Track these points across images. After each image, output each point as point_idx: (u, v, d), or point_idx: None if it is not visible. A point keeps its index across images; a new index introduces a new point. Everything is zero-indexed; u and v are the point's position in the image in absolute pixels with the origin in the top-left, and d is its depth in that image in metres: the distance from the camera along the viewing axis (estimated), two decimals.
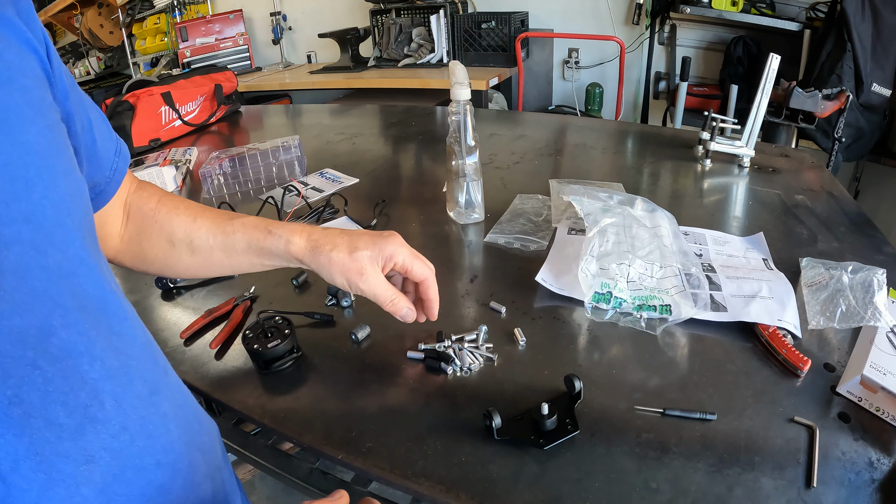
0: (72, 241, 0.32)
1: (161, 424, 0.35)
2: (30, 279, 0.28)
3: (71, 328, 0.30)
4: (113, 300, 0.34)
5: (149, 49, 3.42)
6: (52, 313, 0.29)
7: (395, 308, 0.53)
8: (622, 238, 0.68)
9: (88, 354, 0.30)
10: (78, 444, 0.29)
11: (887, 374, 0.48)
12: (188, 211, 0.54)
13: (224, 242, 0.53)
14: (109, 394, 0.31)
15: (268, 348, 0.57)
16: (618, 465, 0.45)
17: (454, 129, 0.81)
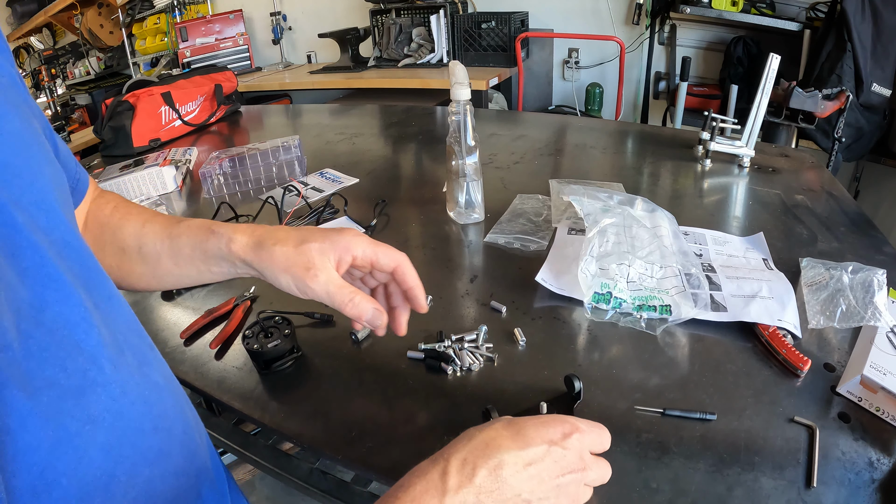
0: (59, 225, 0.33)
1: (155, 392, 0.36)
2: (21, 258, 0.29)
3: (66, 301, 0.31)
4: (98, 280, 0.36)
5: (149, 49, 3.42)
6: (45, 289, 0.30)
7: (356, 310, 0.43)
8: (622, 238, 0.68)
9: (84, 324, 0.31)
10: (80, 404, 0.30)
11: (887, 374, 0.48)
12: (139, 216, 0.51)
13: (171, 247, 0.49)
14: (108, 359, 0.32)
15: (268, 348, 0.57)
16: (618, 465, 0.45)
17: (454, 129, 0.81)
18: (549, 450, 0.36)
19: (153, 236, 0.50)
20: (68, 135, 2.62)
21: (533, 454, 0.36)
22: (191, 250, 0.48)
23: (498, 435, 0.36)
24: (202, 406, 0.80)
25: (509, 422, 0.38)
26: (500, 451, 0.35)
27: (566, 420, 0.39)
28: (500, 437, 0.36)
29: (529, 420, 0.38)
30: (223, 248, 0.46)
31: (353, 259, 0.45)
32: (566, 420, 0.39)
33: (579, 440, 0.38)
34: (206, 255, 0.48)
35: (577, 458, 0.38)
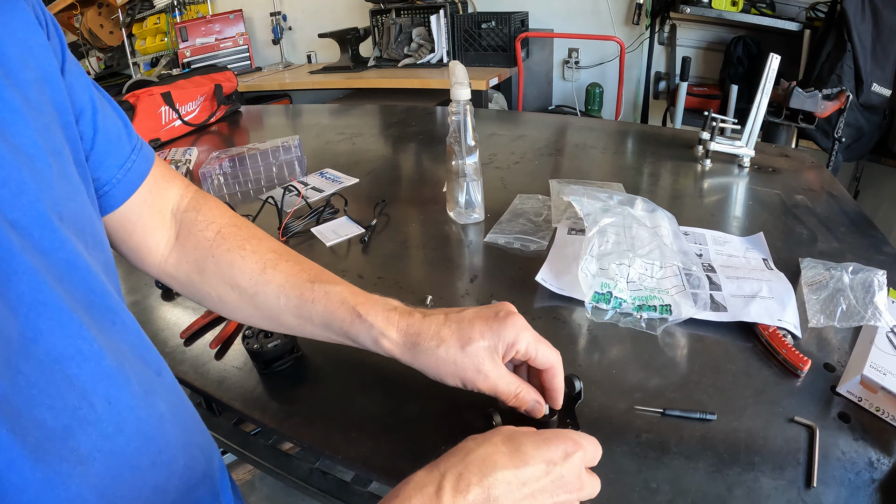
0: (62, 245, 0.31)
1: (157, 425, 0.35)
2: (15, 284, 0.27)
3: (59, 331, 0.29)
4: (103, 304, 0.34)
5: (149, 49, 3.42)
6: (38, 317, 0.28)
7: (519, 403, 0.44)
8: (622, 238, 0.68)
9: (79, 356, 0.30)
10: (68, 446, 0.29)
11: (887, 374, 0.48)
12: (256, 256, 0.47)
13: (299, 309, 0.45)
14: (102, 395, 0.31)
15: (268, 348, 0.57)
16: (618, 465, 0.45)
17: (454, 129, 0.81)
18: (547, 470, 0.35)
19: (276, 290, 0.46)
20: None
21: (530, 474, 0.34)
22: (325, 321, 0.45)
23: (496, 451, 0.35)
24: (202, 406, 0.80)
25: (509, 437, 0.36)
26: (495, 470, 0.33)
27: (568, 437, 0.37)
28: (498, 453, 0.34)
29: (530, 436, 0.36)
30: (371, 341, 0.44)
31: (515, 354, 0.43)
32: (568, 437, 0.37)
33: (581, 458, 0.36)
34: (345, 336, 0.45)
35: (575, 478, 0.36)
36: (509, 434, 0.36)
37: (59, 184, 0.32)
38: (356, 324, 0.44)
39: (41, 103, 0.33)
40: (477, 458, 0.34)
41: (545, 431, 0.37)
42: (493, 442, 0.35)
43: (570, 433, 0.37)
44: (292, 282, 0.46)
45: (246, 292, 0.46)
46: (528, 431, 0.37)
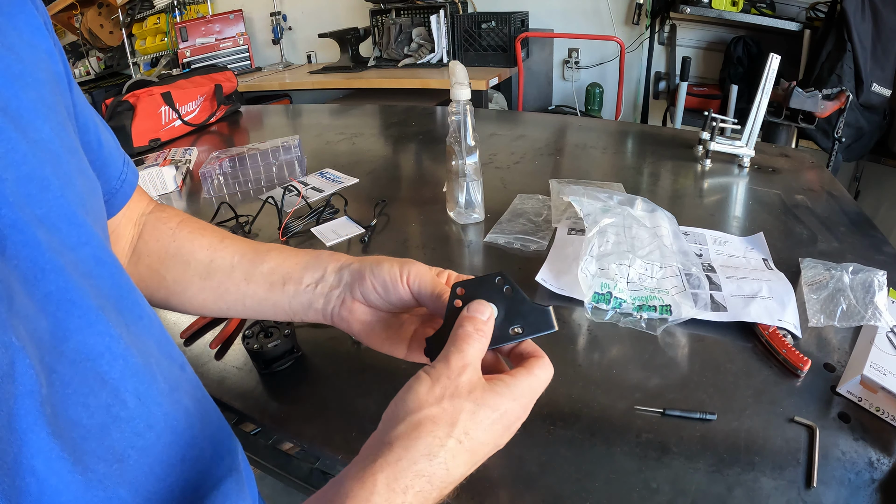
0: (88, 240, 0.31)
1: (184, 420, 0.35)
2: (43, 283, 0.27)
3: (88, 329, 0.29)
4: (130, 299, 0.34)
5: (149, 49, 3.42)
6: (68, 315, 0.28)
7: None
8: (622, 238, 0.68)
9: (108, 354, 0.30)
10: (104, 444, 0.29)
11: (887, 374, 0.48)
12: (216, 233, 0.50)
13: (252, 264, 0.47)
14: (132, 392, 0.31)
15: (268, 348, 0.57)
16: (618, 465, 0.45)
17: (454, 129, 0.81)
18: (491, 450, 0.34)
19: (233, 249, 0.48)
20: None
21: (484, 455, 0.34)
22: (276, 264, 0.47)
23: (450, 459, 0.31)
24: None
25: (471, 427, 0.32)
26: (451, 475, 0.31)
27: (520, 415, 0.35)
28: (453, 462, 0.31)
29: (482, 433, 0.32)
30: (323, 254, 0.47)
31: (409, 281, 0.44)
32: (520, 415, 0.35)
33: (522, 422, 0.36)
34: (292, 268, 0.46)
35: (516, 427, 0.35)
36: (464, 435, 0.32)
37: (80, 179, 0.33)
38: (309, 267, 0.46)
39: (55, 103, 0.33)
40: (423, 467, 0.30)
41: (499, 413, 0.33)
42: (448, 448, 0.31)
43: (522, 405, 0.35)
44: (248, 245, 0.49)
45: (202, 263, 0.48)
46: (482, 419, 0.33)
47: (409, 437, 0.31)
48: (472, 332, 0.36)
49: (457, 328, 0.36)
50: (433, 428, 0.31)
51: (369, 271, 0.44)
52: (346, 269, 0.45)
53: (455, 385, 0.33)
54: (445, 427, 0.31)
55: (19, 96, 0.29)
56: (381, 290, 0.43)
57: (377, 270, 0.43)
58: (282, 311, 0.47)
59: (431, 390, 0.33)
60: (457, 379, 0.33)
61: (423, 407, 0.32)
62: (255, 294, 0.47)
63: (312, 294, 0.46)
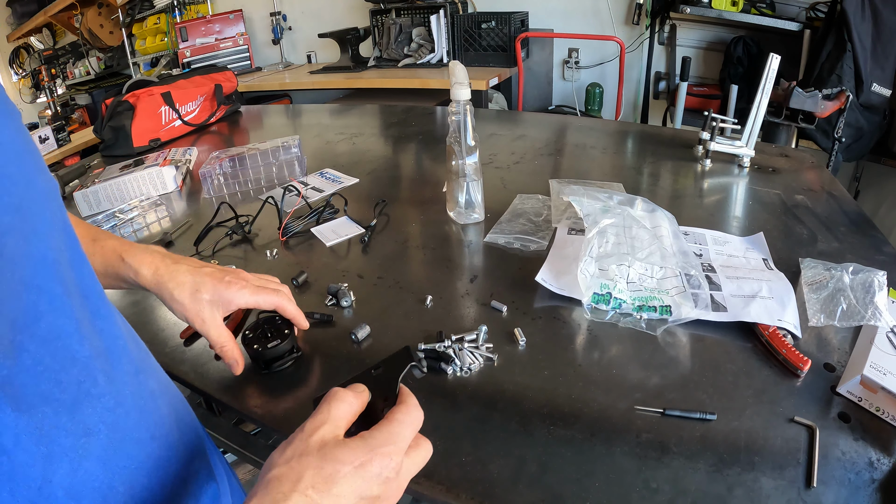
0: (51, 233, 0.32)
1: (150, 400, 0.37)
2: (20, 268, 0.28)
3: (58, 311, 0.30)
4: (92, 287, 0.35)
5: (149, 49, 3.42)
6: (38, 299, 0.29)
7: (224, 354, 0.55)
8: (622, 239, 0.68)
9: (77, 335, 0.31)
10: (75, 418, 0.30)
11: (887, 374, 0.48)
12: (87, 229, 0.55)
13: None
14: (101, 370, 0.32)
15: (267, 348, 0.57)
16: (618, 465, 0.45)
17: (454, 129, 0.81)
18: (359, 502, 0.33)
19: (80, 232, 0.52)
20: (68, 135, 2.61)
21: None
22: (103, 269, 0.54)
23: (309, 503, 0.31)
24: (202, 406, 0.80)
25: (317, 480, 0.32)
26: None
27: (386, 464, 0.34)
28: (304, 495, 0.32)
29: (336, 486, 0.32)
30: (131, 278, 0.53)
31: (237, 307, 0.55)
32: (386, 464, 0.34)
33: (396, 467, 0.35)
34: (118, 278, 0.54)
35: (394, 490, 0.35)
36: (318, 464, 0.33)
37: (41, 178, 0.34)
38: (121, 266, 0.53)
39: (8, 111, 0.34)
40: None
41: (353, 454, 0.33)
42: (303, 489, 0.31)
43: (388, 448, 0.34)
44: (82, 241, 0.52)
45: None
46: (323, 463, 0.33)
47: (258, 498, 0.31)
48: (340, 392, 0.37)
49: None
50: (278, 485, 0.31)
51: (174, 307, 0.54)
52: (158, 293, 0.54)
53: (305, 445, 0.34)
54: (289, 483, 0.31)
55: None
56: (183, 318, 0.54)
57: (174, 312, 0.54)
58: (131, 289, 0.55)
59: (283, 452, 0.34)
60: (307, 439, 0.34)
61: (272, 468, 0.33)
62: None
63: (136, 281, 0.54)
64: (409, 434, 0.37)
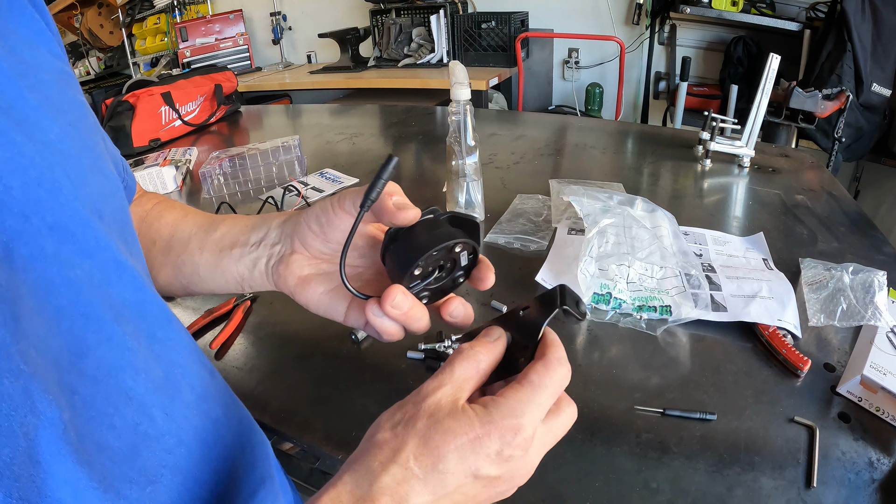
0: (105, 245, 0.29)
1: (214, 431, 0.33)
2: (54, 297, 0.25)
3: (107, 343, 0.27)
4: (153, 304, 0.31)
5: (149, 49, 3.42)
6: (83, 330, 0.26)
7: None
8: (622, 239, 0.68)
9: (130, 368, 0.28)
10: (135, 466, 0.27)
11: (887, 374, 0.48)
12: (183, 208, 0.48)
13: (206, 231, 0.44)
14: (159, 407, 0.29)
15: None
16: (618, 465, 0.45)
17: (454, 129, 0.81)
18: (475, 479, 0.29)
19: (192, 222, 0.45)
20: None
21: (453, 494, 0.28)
22: (226, 230, 0.43)
23: (396, 487, 0.27)
24: None
25: (421, 453, 0.28)
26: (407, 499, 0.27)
27: (509, 440, 0.28)
28: (401, 490, 0.27)
29: (443, 462, 0.28)
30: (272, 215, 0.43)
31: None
32: (509, 440, 0.28)
33: (524, 442, 0.29)
34: (240, 231, 0.43)
35: (521, 466, 0.30)
36: (422, 443, 0.28)
37: (96, 178, 0.31)
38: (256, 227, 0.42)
39: (63, 103, 0.31)
40: (360, 482, 0.28)
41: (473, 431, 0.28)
42: (405, 463, 0.28)
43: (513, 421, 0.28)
44: (207, 217, 0.46)
45: (164, 238, 0.45)
46: (450, 434, 0.28)
47: (356, 462, 0.29)
48: (465, 350, 0.32)
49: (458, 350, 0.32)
50: (377, 453, 0.28)
51: (305, 214, 0.39)
52: (287, 222, 0.41)
53: (416, 409, 0.29)
54: (389, 451, 0.28)
55: (24, 97, 0.28)
56: (316, 227, 0.38)
57: (311, 210, 0.38)
58: (232, 279, 0.43)
59: (392, 415, 0.30)
60: (421, 403, 0.29)
61: (378, 431, 0.29)
62: (207, 262, 0.43)
63: (256, 252, 0.41)
64: (547, 400, 0.30)
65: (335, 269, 0.40)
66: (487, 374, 0.32)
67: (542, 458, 0.31)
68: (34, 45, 0.31)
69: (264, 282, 0.42)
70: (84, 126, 0.32)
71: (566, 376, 0.31)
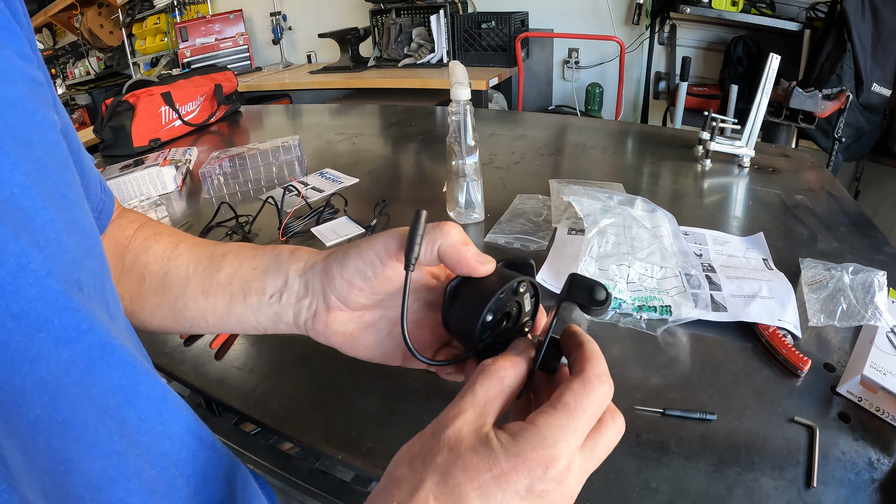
0: (88, 326, 0.24)
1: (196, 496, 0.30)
2: (25, 407, 0.21)
3: (93, 451, 0.23)
4: (144, 384, 0.27)
5: (149, 49, 3.42)
6: (64, 440, 0.22)
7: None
8: (622, 239, 0.68)
9: (122, 477, 0.24)
10: None
11: (887, 374, 0.48)
12: (171, 237, 0.42)
13: (206, 269, 0.40)
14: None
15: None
16: (618, 465, 0.45)
17: (454, 129, 0.81)
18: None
19: (188, 257, 0.40)
20: None
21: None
22: (232, 271, 0.39)
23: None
24: (202, 406, 0.80)
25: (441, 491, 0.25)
26: None
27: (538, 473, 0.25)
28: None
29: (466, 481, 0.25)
30: (283, 256, 0.38)
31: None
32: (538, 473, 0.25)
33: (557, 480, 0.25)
34: (250, 275, 0.38)
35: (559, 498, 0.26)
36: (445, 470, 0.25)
37: (72, 240, 0.25)
38: (268, 254, 0.39)
39: (31, 131, 0.24)
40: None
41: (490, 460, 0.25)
42: (422, 500, 0.25)
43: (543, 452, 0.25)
44: (204, 251, 0.41)
45: (157, 276, 0.40)
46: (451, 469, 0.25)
47: (376, 497, 0.26)
48: (488, 367, 0.29)
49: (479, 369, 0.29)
50: (395, 492, 0.26)
51: (337, 268, 0.35)
52: (311, 272, 0.37)
53: (435, 441, 0.26)
54: (407, 489, 0.25)
55: None
56: (360, 282, 0.34)
57: (346, 263, 0.35)
58: (249, 326, 0.39)
59: (411, 448, 0.27)
60: (440, 434, 0.26)
61: (396, 467, 0.27)
62: (216, 309, 0.39)
63: (278, 306, 0.38)
64: (585, 424, 0.27)
65: (379, 319, 0.38)
66: (515, 392, 0.29)
67: (583, 483, 0.27)
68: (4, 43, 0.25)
69: (292, 331, 0.39)
70: (56, 160, 0.26)
71: (608, 395, 0.28)
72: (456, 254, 0.32)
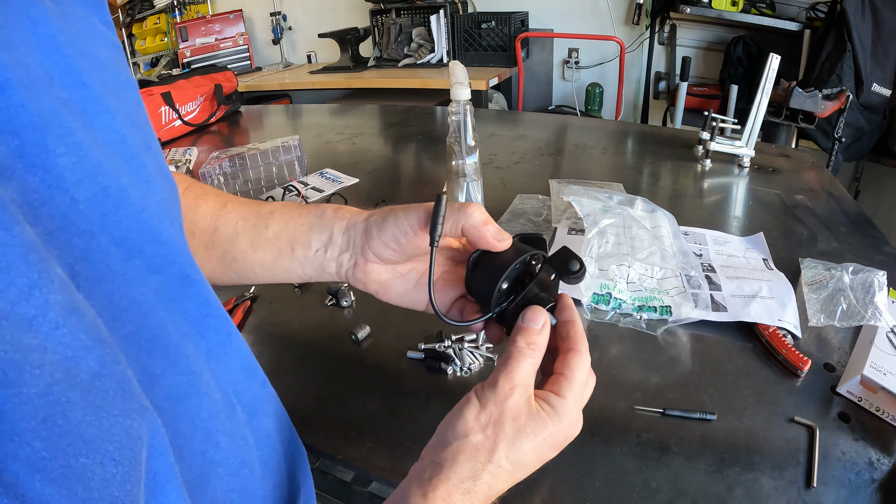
0: (174, 259, 0.27)
1: (268, 445, 0.34)
2: (121, 322, 0.23)
3: (173, 369, 0.25)
4: (216, 317, 0.30)
5: (149, 49, 3.42)
6: (150, 357, 0.24)
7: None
8: (622, 239, 0.68)
9: (196, 394, 0.27)
10: (207, 496, 0.27)
11: (887, 374, 0.48)
12: (218, 197, 0.45)
13: (255, 226, 0.43)
14: (222, 431, 0.28)
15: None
16: (618, 465, 0.45)
17: (454, 129, 0.81)
18: (538, 462, 0.35)
19: (235, 215, 0.44)
20: None
21: (521, 475, 0.34)
22: (280, 228, 0.42)
23: (490, 479, 0.32)
24: None
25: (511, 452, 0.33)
26: (492, 490, 0.32)
27: (568, 433, 0.35)
28: (494, 481, 0.32)
29: (523, 456, 0.33)
30: (328, 214, 0.42)
31: None
32: (568, 433, 0.35)
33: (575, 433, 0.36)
34: (297, 231, 0.42)
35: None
36: (513, 437, 0.33)
37: (161, 181, 0.28)
38: (314, 212, 0.43)
39: (120, 88, 0.27)
40: (471, 482, 0.32)
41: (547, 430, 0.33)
42: (498, 460, 0.32)
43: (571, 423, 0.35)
44: (251, 209, 0.44)
45: (205, 231, 0.44)
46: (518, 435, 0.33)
47: (455, 461, 0.32)
48: (524, 349, 0.34)
49: (509, 343, 0.35)
50: (475, 454, 0.32)
51: (376, 230, 0.40)
52: (353, 230, 0.42)
53: (500, 411, 0.33)
54: (486, 454, 0.32)
55: (84, 84, 0.23)
56: (395, 245, 0.39)
57: (385, 228, 0.39)
58: (295, 276, 0.44)
59: (478, 417, 0.33)
60: (502, 404, 0.33)
61: (469, 434, 0.33)
62: (264, 261, 0.43)
63: (323, 259, 0.42)
64: (587, 389, 0.36)
65: (410, 271, 0.43)
66: (541, 360, 0.35)
67: None
68: (87, 12, 0.27)
69: (333, 279, 0.44)
70: (141, 117, 0.29)
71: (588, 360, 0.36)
72: (477, 232, 0.38)
